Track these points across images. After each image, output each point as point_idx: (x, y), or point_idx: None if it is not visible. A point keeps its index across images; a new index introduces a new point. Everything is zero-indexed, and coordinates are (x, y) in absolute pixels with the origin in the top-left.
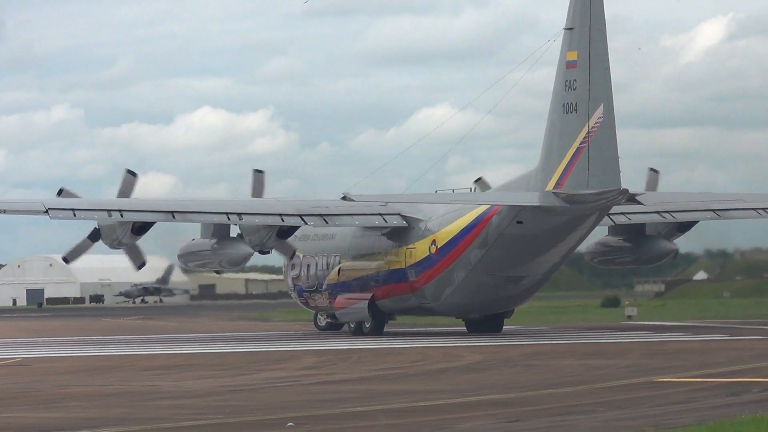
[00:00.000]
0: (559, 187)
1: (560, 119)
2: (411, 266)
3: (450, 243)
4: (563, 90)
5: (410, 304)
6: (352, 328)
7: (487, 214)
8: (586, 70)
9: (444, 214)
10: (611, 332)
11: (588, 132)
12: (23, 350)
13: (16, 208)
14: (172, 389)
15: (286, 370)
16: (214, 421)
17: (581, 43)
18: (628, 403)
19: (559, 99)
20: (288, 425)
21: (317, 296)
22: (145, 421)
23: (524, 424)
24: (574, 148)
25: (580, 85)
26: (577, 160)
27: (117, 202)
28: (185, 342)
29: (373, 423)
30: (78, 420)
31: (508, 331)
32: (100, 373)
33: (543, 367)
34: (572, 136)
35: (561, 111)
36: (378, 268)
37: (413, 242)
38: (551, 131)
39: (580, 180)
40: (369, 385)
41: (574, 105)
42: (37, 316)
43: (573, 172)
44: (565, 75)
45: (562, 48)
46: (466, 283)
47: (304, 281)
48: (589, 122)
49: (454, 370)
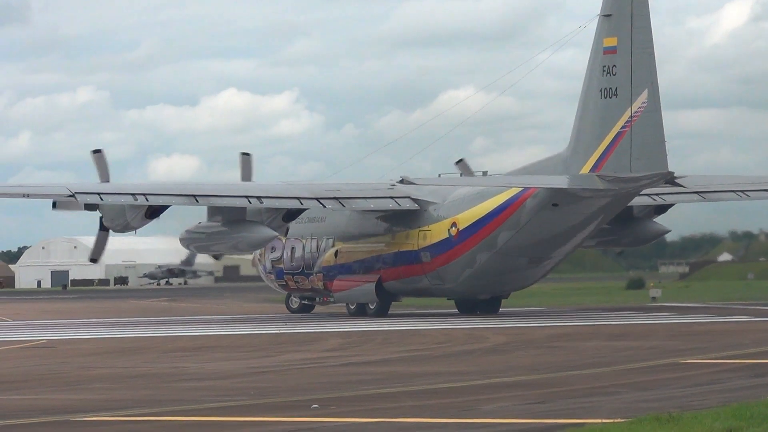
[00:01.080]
0: (597, 170)
1: (597, 104)
2: (426, 248)
3: (474, 225)
4: (600, 75)
5: (421, 285)
6: (352, 310)
7: (521, 196)
8: (627, 55)
9: (463, 196)
10: (636, 314)
11: (631, 116)
12: (48, 332)
13: (41, 192)
14: (196, 371)
15: (311, 352)
16: (239, 402)
17: (622, 29)
18: (652, 385)
19: (596, 84)
20: (313, 407)
21: (301, 278)
22: (169, 402)
23: (549, 405)
24: (614, 132)
25: (620, 71)
26: (618, 143)
27: (142, 186)
28: (210, 324)
29: (397, 405)
30: (103, 402)
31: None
32: (124, 355)
33: (567, 348)
34: (612, 121)
35: (598, 96)
36: (385, 250)
37: (427, 224)
38: (585, 115)
39: (622, 163)
40: (394, 366)
41: (613, 90)
42: (61, 298)
43: (613, 156)
44: (603, 60)
45: (597, 33)
46: (487, 265)
47: (286, 264)
48: (631, 107)
49: (478, 352)
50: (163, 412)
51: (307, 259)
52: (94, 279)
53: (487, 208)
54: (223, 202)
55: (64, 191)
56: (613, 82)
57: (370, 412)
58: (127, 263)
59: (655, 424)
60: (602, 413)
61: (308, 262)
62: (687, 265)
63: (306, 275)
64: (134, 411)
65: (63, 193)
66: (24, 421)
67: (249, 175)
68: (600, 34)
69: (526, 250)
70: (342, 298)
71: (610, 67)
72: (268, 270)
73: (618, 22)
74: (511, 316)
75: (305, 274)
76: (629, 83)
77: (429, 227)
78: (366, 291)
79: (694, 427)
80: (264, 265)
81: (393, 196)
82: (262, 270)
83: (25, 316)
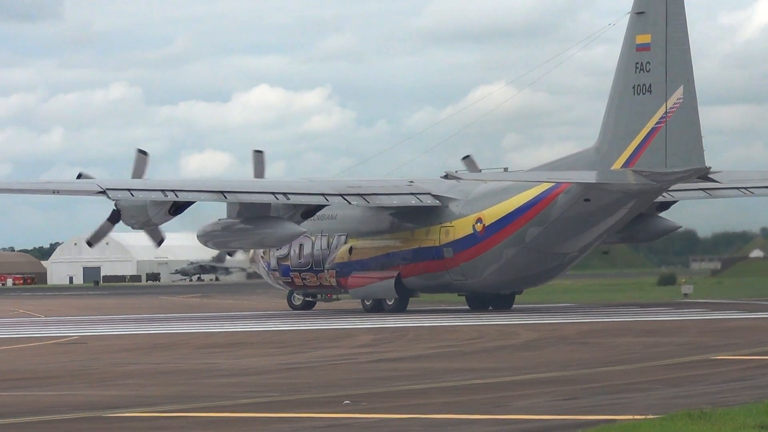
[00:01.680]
0: (630, 166)
1: (629, 100)
2: (448, 244)
3: (502, 221)
4: (633, 72)
5: (442, 281)
6: (369, 305)
7: (552, 192)
8: (662, 52)
9: (488, 192)
10: (667, 310)
11: (666, 112)
12: (80, 328)
13: (72, 188)
14: (228, 367)
15: (343, 348)
16: (270, 398)
17: (656, 26)
18: (684, 381)
19: (628, 80)
20: (344, 403)
21: (309, 275)
22: (202, 398)
23: (581, 401)
24: (648, 128)
25: (654, 68)
26: (653, 139)
27: (170, 182)
28: (242, 320)
29: (429, 401)
30: (135, 398)
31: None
32: (156, 351)
33: (599, 344)
34: (645, 117)
35: (630, 92)
36: (404, 247)
37: (449, 221)
38: (616, 112)
39: (657, 158)
40: (425, 362)
41: (647, 86)
42: (93, 294)
43: (647, 151)
44: (635, 57)
45: (629, 30)
46: (513, 260)
47: (294, 261)
48: (666, 103)
49: (510, 348)
50: (194, 408)
51: (317, 256)
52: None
53: (515, 203)
54: (251, 198)
55: (94, 187)
56: (646, 79)
57: (401, 408)
58: (159, 259)
59: (687, 421)
60: (634, 409)
61: (318, 259)
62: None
63: (315, 272)
64: (166, 407)
65: (93, 189)
66: (56, 417)
67: (262, 172)
68: (632, 32)
69: (553, 245)
70: (358, 294)
71: (643, 64)
72: (272, 267)
73: (652, 20)
74: (541, 312)
75: (314, 271)
76: (664, 80)
77: (452, 223)
78: (385, 287)
79: (726, 423)
80: (268, 262)
81: (414, 193)
82: (264, 267)
83: (57, 312)
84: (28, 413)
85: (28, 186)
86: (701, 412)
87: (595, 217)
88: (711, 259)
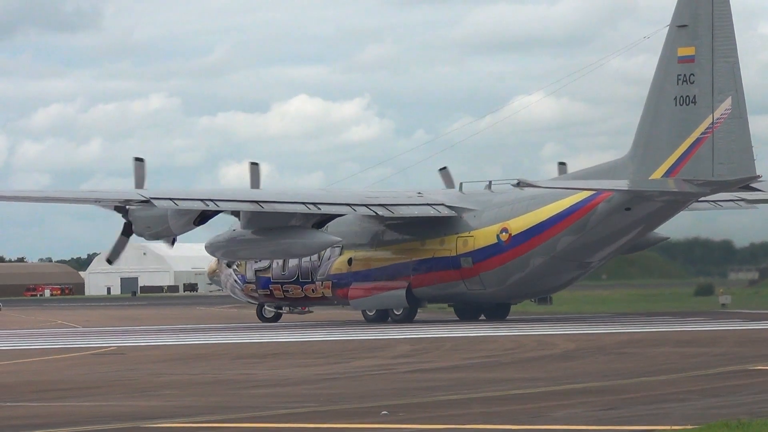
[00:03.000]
0: (672, 175)
1: (670, 111)
2: (467, 254)
3: (532, 230)
4: (675, 83)
5: (455, 290)
6: (371, 316)
7: (591, 201)
8: (708, 64)
9: (513, 201)
10: (704, 320)
11: (713, 123)
12: (118, 339)
13: (115, 198)
14: (266, 377)
15: (380, 358)
16: (308, 409)
17: (701, 39)
18: (722, 391)
19: (669, 92)
20: (382, 413)
21: (293, 287)
22: (239, 409)
23: (619, 412)
24: (693, 138)
25: (700, 79)
26: (698, 149)
27: (210, 191)
28: (279, 330)
29: (467, 411)
30: (172, 408)
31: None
32: (194, 362)
33: (637, 355)
34: (690, 127)
35: (672, 103)
36: (415, 257)
37: (466, 231)
38: (655, 122)
39: (702, 167)
40: (463, 373)
41: (691, 98)
42: (131, 305)
43: (692, 161)
44: (677, 69)
45: (669, 43)
46: (539, 270)
47: (275, 273)
48: (713, 114)
49: (548, 358)
50: (232, 419)
51: (304, 268)
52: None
53: (548, 212)
54: (285, 207)
55: (137, 197)
56: (690, 90)
57: (439, 418)
58: (196, 270)
59: (725, 431)
60: (672, 419)
61: (306, 271)
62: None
63: (301, 284)
64: (204, 417)
65: (136, 198)
66: (94, 428)
67: (257, 183)
68: (673, 44)
69: (581, 253)
70: (360, 305)
71: (687, 76)
72: (247, 280)
73: (696, 32)
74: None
75: (300, 283)
76: (710, 91)
77: (471, 233)
78: (396, 297)
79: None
80: (242, 275)
81: (431, 204)
82: (237, 280)
83: (95, 322)
84: (67, 424)
85: (72, 195)
86: (739, 422)
87: (633, 227)
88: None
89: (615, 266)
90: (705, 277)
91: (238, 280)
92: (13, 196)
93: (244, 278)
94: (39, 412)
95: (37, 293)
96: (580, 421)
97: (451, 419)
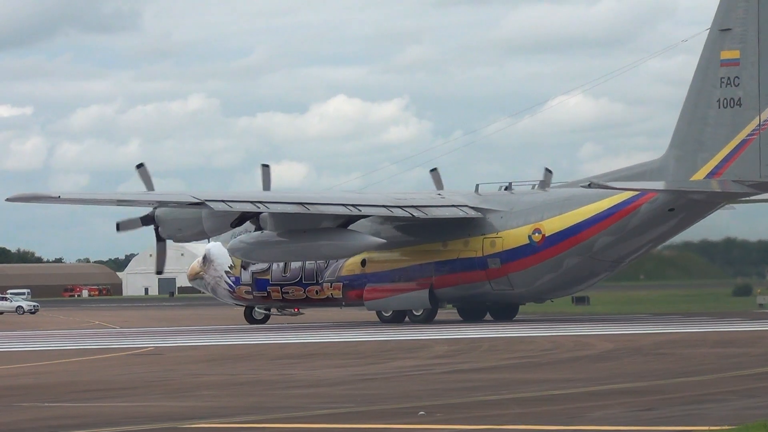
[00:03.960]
0: (716, 176)
1: (714, 113)
2: (495, 255)
3: (569, 230)
4: (718, 86)
5: (480, 291)
6: (387, 317)
7: (634, 201)
8: (754, 67)
9: (543, 203)
10: (742, 320)
11: (759, 125)
12: (156, 339)
13: (168, 199)
14: (303, 378)
15: (418, 359)
16: (346, 409)
17: (746, 42)
18: (760, 392)
19: (712, 94)
20: (420, 414)
21: (294, 289)
22: (277, 409)
23: (656, 412)
24: (738, 139)
25: (745, 82)
26: (744, 150)
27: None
28: (316, 330)
29: (504, 412)
30: (210, 408)
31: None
32: (232, 362)
33: (674, 355)
34: (735, 129)
35: (715, 105)
36: (437, 258)
37: (493, 232)
38: (695, 124)
39: (749, 168)
40: (500, 374)
41: (736, 100)
42: (169, 306)
43: (737, 162)
44: (720, 72)
45: (711, 46)
46: (572, 269)
47: (275, 275)
48: (760, 116)
49: (585, 359)
50: (270, 419)
51: (308, 269)
52: None
53: (586, 213)
54: (328, 209)
55: (189, 198)
56: (734, 93)
57: (476, 419)
58: None
59: (763, 431)
60: (710, 420)
61: (310, 272)
62: None
63: (303, 286)
64: (241, 418)
65: (187, 200)
66: (132, 428)
67: (268, 185)
68: (714, 47)
69: (615, 253)
70: (376, 306)
71: (731, 79)
72: (242, 282)
73: (740, 36)
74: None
75: (303, 285)
76: (757, 93)
77: (499, 234)
78: (418, 298)
79: None
80: (235, 277)
81: (456, 205)
82: (229, 283)
83: (133, 323)
84: (105, 424)
85: (129, 197)
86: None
87: (673, 227)
88: None
89: (653, 267)
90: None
91: (231, 283)
92: (79, 198)
93: (238, 280)
94: (77, 412)
95: (75, 294)
96: (617, 422)
97: (488, 420)
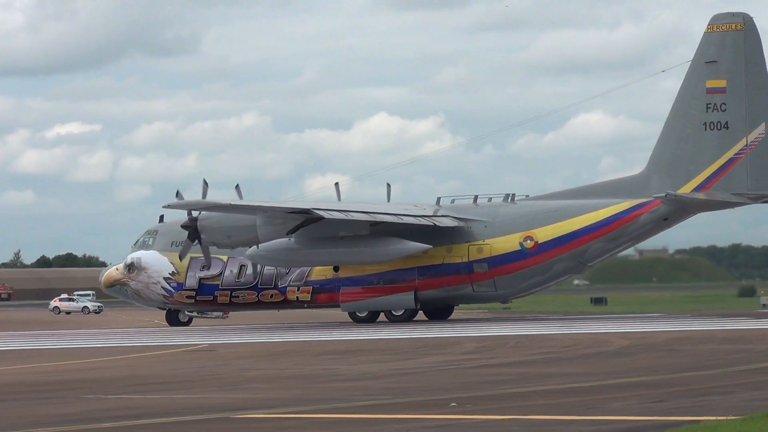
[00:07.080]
0: (704, 190)
1: (699, 135)
2: (482, 260)
3: (564, 237)
4: (704, 111)
5: (461, 293)
6: (362, 317)
7: (635, 211)
8: (740, 95)
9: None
10: (748, 319)
11: (746, 145)
12: (209, 337)
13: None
14: (345, 372)
15: (450, 355)
16: (383, 401)
17: (732, 72)
18: (764, 385)
19: (697, 118)
20: (451, 405)
21: (246, 293)
22: (320, 401)
23: (668, 404)
24: (726, 158)
25: (732, 107)
26: (731, 167)
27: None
28: (357, 329)
29: (529, 403)
30: (259, 400)
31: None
32: (278, 358)
33: (685, 351)
34: (722, 149)
35: (702, 128)
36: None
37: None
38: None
39: (737, 182)
40: (525, 368)
41: (723, 123)
42: None
43: (726, 176)
44: (706, 99)
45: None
46: (553, 273)
47: (227, 280)
48: (747, 138)
49: (603, 355)
50: (314, 410)
51: (267, 275)
52: None
53: (585, 221)
54: (383, 218)
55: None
56: (721, 117)
57: (503, 410)
58: None
59: (767, 421)
60: (717, 411)
61: (270, 277)
62: None
63: (258, 290)
64: (288, 409)
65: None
66: (188, 418)
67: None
68: (699, 77)
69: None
70: (351, 308)
71: (717, 105)
72: (186, 286)
73: (726, 67)
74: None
75: (257, 289)
76: (744, 118)
77: (486, 241)
78: (403, 299)
79: None
80: (177, 283)
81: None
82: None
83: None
84: (164, 414)
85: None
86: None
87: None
88: None
89: (665, 271)
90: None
91: (170, 288)
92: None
93: (180, 286)
94: (137, 403)
95: None
96: (632, 412)
97: (514, 410)
